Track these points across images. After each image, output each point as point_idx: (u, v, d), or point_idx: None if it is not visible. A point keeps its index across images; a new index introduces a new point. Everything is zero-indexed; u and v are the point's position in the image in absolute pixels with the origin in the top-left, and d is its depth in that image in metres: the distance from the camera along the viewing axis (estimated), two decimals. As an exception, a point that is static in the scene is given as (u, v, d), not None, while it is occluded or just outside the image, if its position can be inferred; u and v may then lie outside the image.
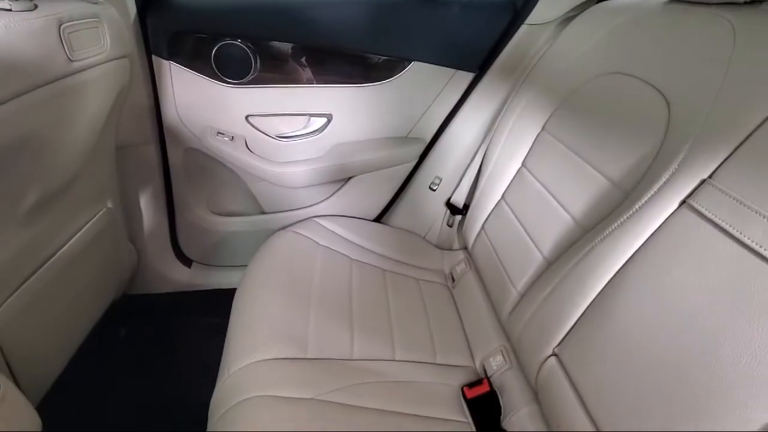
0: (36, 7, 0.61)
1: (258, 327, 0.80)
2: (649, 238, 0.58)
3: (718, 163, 0.54)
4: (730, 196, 0.50)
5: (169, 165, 1.18)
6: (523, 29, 1.05)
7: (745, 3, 0.65)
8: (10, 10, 0.57)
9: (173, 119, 1.11)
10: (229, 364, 0.75)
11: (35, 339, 0.79)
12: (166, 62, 1.04)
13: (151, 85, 1.06)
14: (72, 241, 0.88)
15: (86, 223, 0.94)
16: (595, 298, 0.63)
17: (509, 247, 0.90)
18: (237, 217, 1.28)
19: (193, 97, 1.09)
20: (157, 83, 1.06)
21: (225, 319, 0.89)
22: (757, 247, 0.45)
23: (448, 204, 1.20)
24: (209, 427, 0.70)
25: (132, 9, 0.96)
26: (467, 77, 1.12)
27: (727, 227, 0.49)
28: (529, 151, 0.95)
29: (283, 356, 0.75)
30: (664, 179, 0.59)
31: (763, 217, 0.46)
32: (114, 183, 1.04)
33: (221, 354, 0.81)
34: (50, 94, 0.64)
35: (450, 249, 1.20)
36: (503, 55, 1.08)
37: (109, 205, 1.02)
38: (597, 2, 1.00)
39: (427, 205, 1.24)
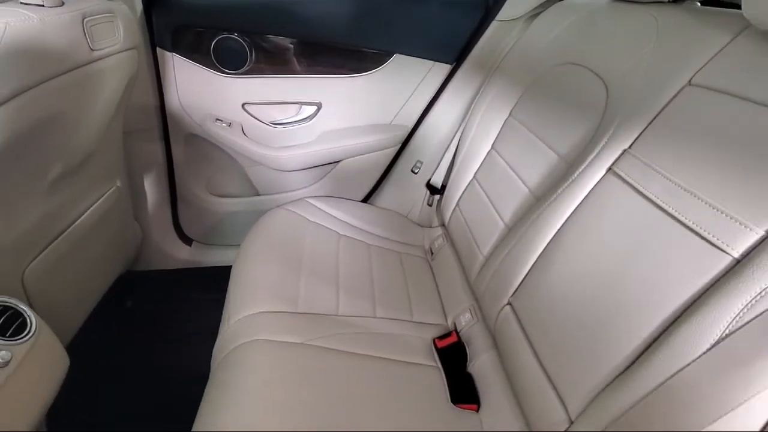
0: (63, 3, 0.71)
1: (254, 286, 0.91)
2: (582, 200, 0.70)
3: (636, 135, 0.66)
4: (641, 161, 0.62)
5: (171, 149, 1.28)
6: (494, 25, 1.16)
7: (669, 2, 0.76)
8: (42, 5, 0.67)
9: (175, 107, 1.21)
10: (229, 316, 0.86)
11: (57, 297, 0.90)
12: (169, 54, 1.14)
13: (155, 75, 1.16)
14: (87, 213, 0.98)
15: (98, 199, 1.04)
16: (540, 255, 0.74)
17: (478, 219, 1.01)
18: (234, 198, 1.39)
19: (194, 86, 1.20)
20: (160, 73, 1.16)
21: (223, 294, 0.98)
22: (657, 200, 0.57)
23: (428, 185, 1.31)
24: (213, 368, 0.80)
25: (138, 5, 1.06)
26: (444, 69, 1.23)
27: (637, 186, 0.61)
28: (498, 135, 1.07)
29: (276, 310, 0.86)
30: (596, 151, 0.71)
31: (662, 176, 0.58)
32: (121, 164, 1.15)
33: (219, 323, 0.90)
34: (74, 79, 0.74)
35: (430, 226, 1.31)
36: (476, 48, 1.19)
37: (118, 184, 1.13)
38: (557, 1, 1.12)
39: (410, 187, 1.35)
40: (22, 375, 0.62)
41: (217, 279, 1.19)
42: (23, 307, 0.66)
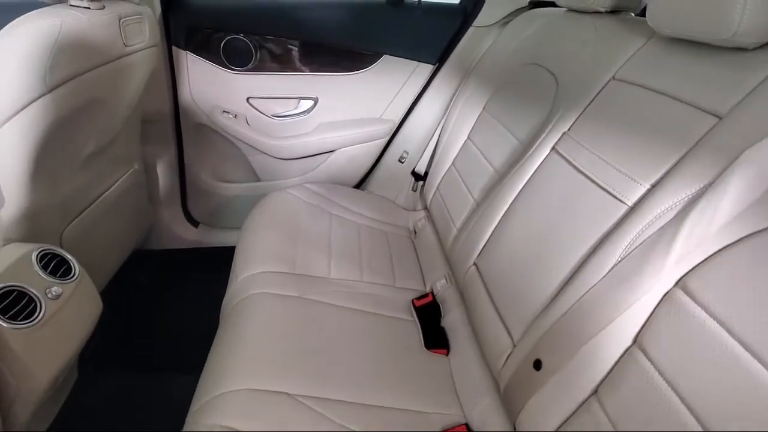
0: (104, 6, 0.85)
1: (258, 250, 1.05)
2: (531, 175, 0.85)
3: (574, 120, 0.81)
4: (575, 140, 0.77)
5: (182, 138, 1.42)
6: (471, 31, 1.32)
7: (605, 12, 0.91)
8: (89, 8, 0.82)
9: (187, 99, 1.36)
10: (236, 275, 1.00)
11: (85, 259, 1.03)
12: (182, 52, 1.29)
13: (170, 70, 1.31)
14: (110, 190, 1.12)
15: (119, 178, 1.18)
16: (499, 222, 0.89)
17: (454, 199, 1.16)
18: (238, 184, 1.53)
19: (204, 81, 1.34)
20: (175, 69, 1.31)
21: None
22: (581, 168, 0.72)
23: (413, 173, 1.46)
24: (222, 318, 0.94)
25: (157, 7, 1.21)
26: (427, 69, 1.39)
27: (570, 159, 0.76)
28: (473, 127, 1.21)
29: (276, 270, 1.00)
30: (544, 135, 0.86)
31: (587, 150, 0.73)
32: (139, 149, 1.29)
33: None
34: (110, 69, 0.88)
35: (414, 209, 1.45)
36: (456, 51, 1.34)
37: (136, 167, 1.27)
38: (525, 11, 1.27)
39: (397, 175, 1.50)
40: (69, 309, 0.76)
41: (221, 258, 1.32)
42: (69, 256, 0.80)
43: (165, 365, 1.17)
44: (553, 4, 1.14)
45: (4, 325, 0.65)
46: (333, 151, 1.48)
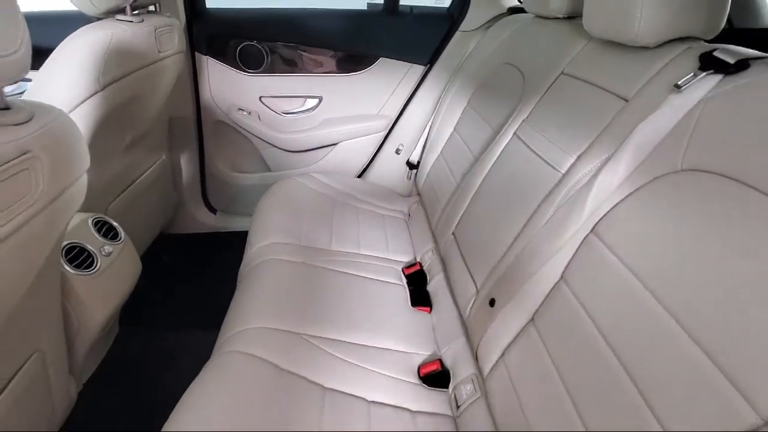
0: (143, 20, 1.04)
1: (269, 226, 1.22)
2: (498, 156, 1.00)
3: (531, 108, 0.97)
4: (530, 125, 0.93)
5: (203, 133, 1.60)
6: (457, 35, 1.48)
7: (563, 18, 1.07)
8: (132, 21, 1.00)
9: (207, 98, 1.54)
10: (251, 245, 1.17)
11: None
12: (204, 57, 1.47)
13: (193, 74, 1.49)
14: (143, 176, 1.31)
15: (150, 167, 1.36)
16: (471, 198, 1.05)
17: (440, 183, 1.32)
18: (251, 174, 1.71)
19: (222, 82, 1.52)
20: (197, 72, 1.49)
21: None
22: (530, 146, 0.88)
23: (408, 163, 1.62)
24: (239, 280, 1.11)
25: (182, 19, 1.39)
26: (420, 69, 1.55)
27: (525, 141, 0.91)
28: (458, 120, 1.37)
29: (284, 242, 1.17)
30: (509, 123, 1.02)
31: (537, 132, 0.88)
32: (166, 142, 1.47)
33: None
34: (147, 72, 1.06)
35: (409, 195, 1.61)
36: (444, 53, 1.51)
37: (163, 157, 1.45)
38: (503, 17, 1.43)
39: (394, 165, 1.67)
40: (117, 265, 0.94)
41: (236, 242, 1.49)
42: (116, 224, 0.98)
43: (189, 325, 1.34)
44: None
45: (71, 271, 0.82)
46: (336, 144, 1.65)
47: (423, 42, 1.52)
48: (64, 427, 0.90)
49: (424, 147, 1.55)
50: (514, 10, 1.43)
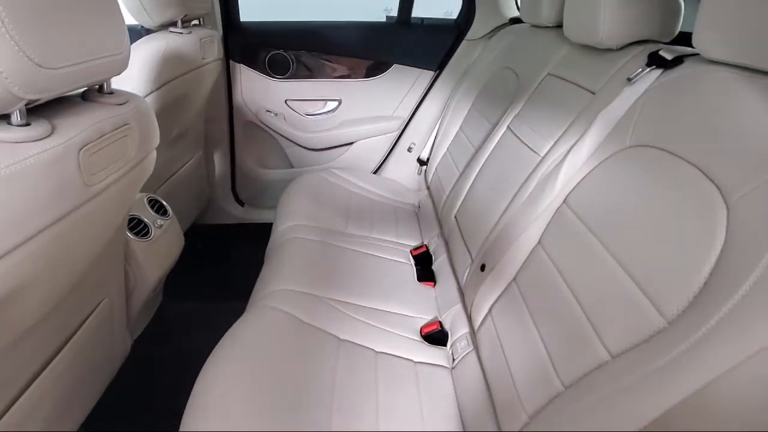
0: (191, 32, 1.22)
1: (292, 211, 1.38)
2: (493, 147, 1.15)
3: (522, 104, 1.11)
4: (520, 118, 1.07)
5: (234, 133, 1.79)
6: (463, 43, 1.63)
7: (552, 27, 1.21)
8: (182, 33, 1.18)
9: (239, 101, 1.72)
10: (277, 227, 1.33)
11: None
12: (237, 64, 1.66)
13: (227, 79, 1.68)
14: (183, 168, 1.49)
15: (188, 161, 1.54)
16: (470, 185, 1.19)
17: (446, 175, 1.46)
18: (275, 170, 1.88)
19: (252, 87, 1.71)
20: (231, 78, 1.68)
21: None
22: (519, 136, 1.02)
23: (418, 160, 1.77)
24: (267, 257, 1.27)
25: (220, 31, 1.58)
26: (429, 75, 1.71)
27: (516, 133, 1.05)
28: (463, 120, 1.52)
29: (306, 224, 1.32)
30: (503, 117, 1.16)
31: (525, 124, 1.02)
32: (202, 141, 1.66)
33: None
34: (193, 75, 1.24)
35: (419, 190, 1.76)
36: (452, 60, 1.66)
37: (200, 153, 1.63)
38: (504, 27, 1.58)
39: (406, 162, 1.82)
40: (166, 236, 1.11)
41: (262, 232, 1.66)
42: (165, 202, 1.15)
43: (221, 299, 1.50)
44: (526, 21, 1.44)
45: (132, 237, 1.00)
46: (353, 142, 1.81)
47: (432, 50, 1.68)
48: (117, 375, 1.06)
49: (432, 145, 1.70)
50: (514, 21, 1.58)
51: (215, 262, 1.77)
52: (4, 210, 0.44)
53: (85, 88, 0.64)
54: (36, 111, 0.51)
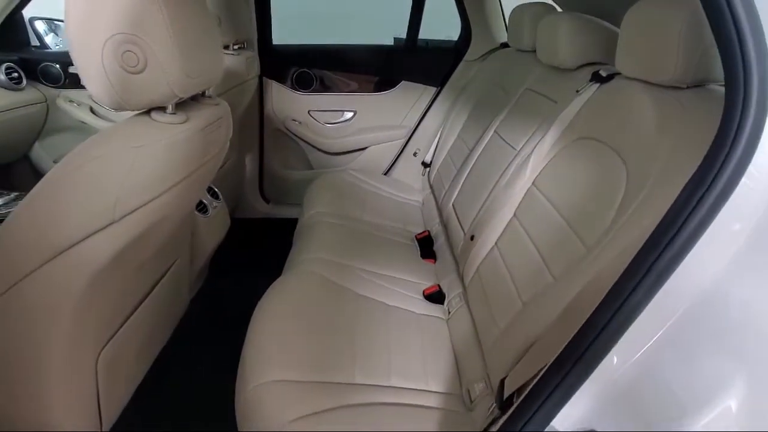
0: (240, 53, 1.51)
1: (317, 201, 1.64)
2: (483, 148, 1.41)
3: (506, 113, 1.38)
4: (504, 124, 1.34)
5: (264, 139, 2.07)
6: (462, 63, 1.92)
7: (532, 51, 1.49)
8: (233, 54, 1.47)
9: (269, 112, 2.01)
10: (304, 213, 1.60)
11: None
12: (269, 80, 1.96)
13: (260, 93, 1.97)
14: (223, 167, 1.76)
15: (227, 162, 1.82)
16: (465, 178, 1.45)
17: (445, 172, 1.73)
18: (298, 171, 2.16)
19: (280, 99, 2.00)
20: (263, 92, 1.97)
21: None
22: (506, 140, 1.28)
23: (423, 163, 2.04)
24: (295, 239, 1.53)
25: (256, 52, 1.88)
26: (433, 90, 2.00)
27: (500, 134, 1.32)
28: (461, 129, 1.79)
29: (327, 211, 1.59)
30: (491, 124, 1.43)
31: (508, 127, 1.29)
32: (236, 146, 1.93)
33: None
34: (240, 88, 1.53)
35: (423, 189, 2.02)
36: (452, 77, 1.95)
37: (234, 156, 1.91)
38: (497, 50, 1.87)
39: (413, 165, 2.09)
40: (218, 215, 1.38)
41: (286, 226, 1.92)
42: (216, 189, 1.43)
43: (255, 273, 1.75)
44: (514, 46, 1.73)
45: (197, 213, 1.27)
46: (366, 147, 2.09)
47: (435, 69, 1.97)
48: (178, 326, 1.31)
49: (435, 150, 1.97)
50: (504, 45, 1.86)
51: (246, 247, 2.03)
52: (163, 166, 0.71)
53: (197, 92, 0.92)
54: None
